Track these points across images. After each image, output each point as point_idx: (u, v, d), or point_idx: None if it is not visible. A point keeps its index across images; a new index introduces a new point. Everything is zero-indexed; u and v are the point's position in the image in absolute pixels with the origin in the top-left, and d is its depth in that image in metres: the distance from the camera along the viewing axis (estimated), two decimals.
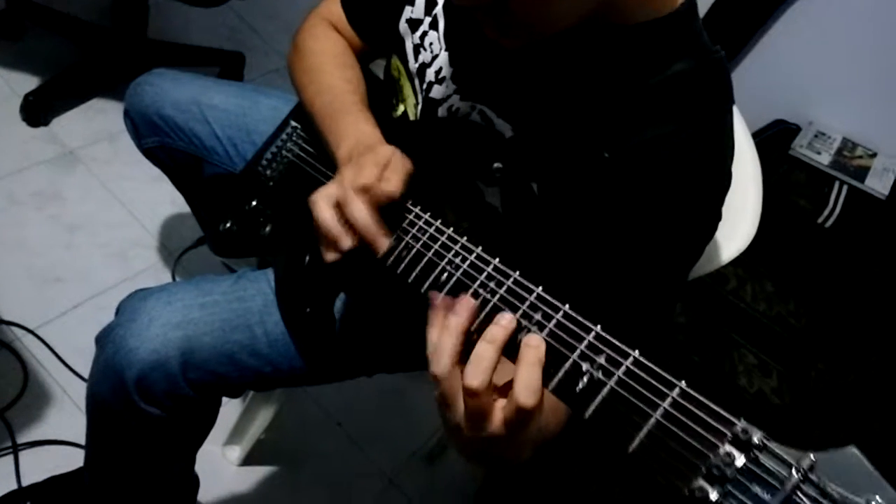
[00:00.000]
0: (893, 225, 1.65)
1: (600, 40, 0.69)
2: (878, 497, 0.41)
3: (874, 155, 1.77)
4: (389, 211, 0.71)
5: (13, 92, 1.68)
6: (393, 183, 0.70)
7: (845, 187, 1.69)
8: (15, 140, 1.63)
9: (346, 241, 0.71)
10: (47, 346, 1.34)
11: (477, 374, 0.51)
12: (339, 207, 0.71)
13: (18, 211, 1.52)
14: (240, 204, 0.91)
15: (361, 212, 0.69)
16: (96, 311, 1.42)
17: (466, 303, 0.57)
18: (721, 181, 0.71)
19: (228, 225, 0.91)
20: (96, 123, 1.74)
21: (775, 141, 1.77)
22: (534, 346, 0.53)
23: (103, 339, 0.84)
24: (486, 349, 0.53)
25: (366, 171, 0.71)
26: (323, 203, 0.72)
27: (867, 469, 0.42)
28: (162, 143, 1.09)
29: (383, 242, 0.69)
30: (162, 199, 1.63)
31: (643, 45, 0.69)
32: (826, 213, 1.66)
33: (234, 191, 0.92)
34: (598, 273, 0.70)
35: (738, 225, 0.96)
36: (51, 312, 1.40)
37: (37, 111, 1.66)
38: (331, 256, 0.72)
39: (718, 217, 0.72)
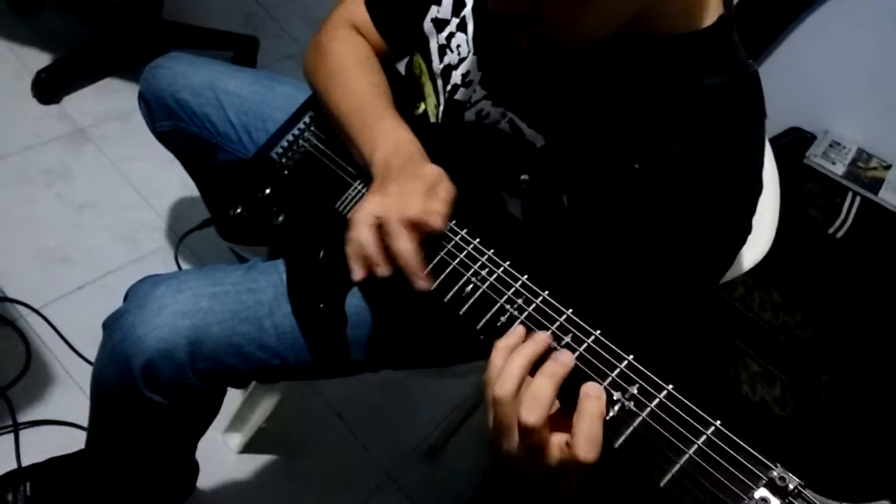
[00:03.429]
0: None
1: (636, 52, 0.69)
2: None
3: (889, 167, 1.76)
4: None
5: (25, 68, 1.67)
6: (441, 219, 0.69)
7: (858, 198, 1.68)
8: (26, 117, 1.62)
9: (384, 270, 0.69)
10: (51, 325, 1.34)
11: (534, 409, 0.50)
12: (381, 232, 0.69)
13: (27, 188, 1.51)
14: (252, 191, 0.90)
15: (407, 247, 0.67)
16: (102, 292, 1.42)
17: (544, 337, 0.56)
18: (751, 194, 0.70)
19: (240, 210, 0.90)
20: (108, 103, 1.73)
21: (790, 149, 1.76)
22: (594, 396, 0.51)
23: (111, 324, 0.83)
24: (545, 385, 0.52)
25: (413, 202, 0.69)
26: (364, 224, 0.70)
27: None
28: (176, 127, 1.08)
29: (422, 279, 0.68)
30: (172, 181, 1.62)
31: (678, 57, 0.68)
32: (838, 223, 1.65)
33: (246, 177, 0.91)
34: (627, 285, 0.69)
35: (757, 233, 0.95)
36: (56, 292, 1.39)
37: (49, 88, 1.65)
38: (360, 276, 0.71)
39: (748, 229, 0.71)
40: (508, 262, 0.63)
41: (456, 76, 0.85)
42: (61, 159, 1.59)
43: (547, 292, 0.60)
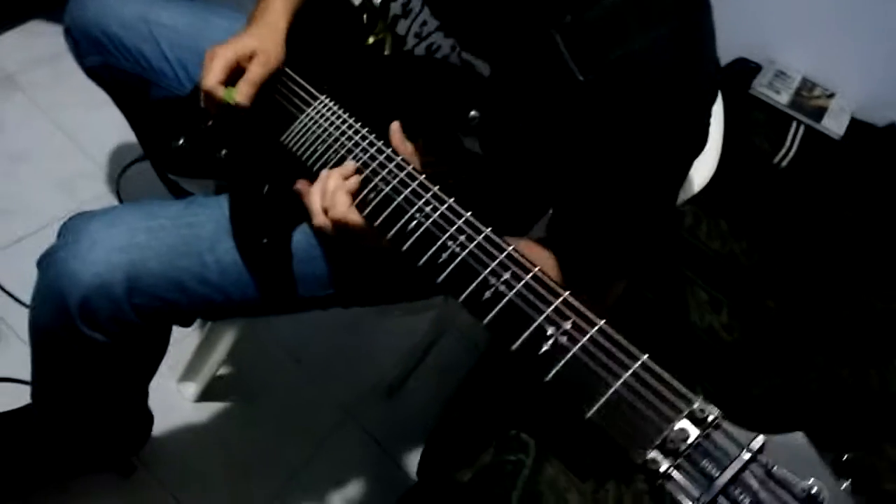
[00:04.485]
0: (847, 166, 1.68)
1: None
2: (819, 481, 0.43)
3: (832, 95, 1.79)
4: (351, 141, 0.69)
5: None
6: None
7: (802, 127, 1.71)
8: None
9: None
10: None
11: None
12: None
13: None
14: (195, 123, 0.87)
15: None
16: (42, 243, 1.33)
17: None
18: (703, 87, 0.69)
19: (181, 142, 0.87)
20: (35, 47, 1.65)
21: (736, 79, 1.77)
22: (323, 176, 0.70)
23: (44, 261, 0.80)
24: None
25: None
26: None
27: (812, 455, 0.44)
28: (106, 63, 1.03)
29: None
30: (106, 127, 1.54)
31: None
32: (782, 153, 1.68)
33: (188, 111, 0.88)
34: (591, 202, 0.69)
35: (703, 158, 0.96)
36: None
37: None
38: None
39: (706, 128, 0.71)
40: (453, 199, 0.63)
41: (395, 7, 0.83)
42: None
43: (490, 229, 0.60)
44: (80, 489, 1.14)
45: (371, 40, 0.88)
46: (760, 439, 0.45)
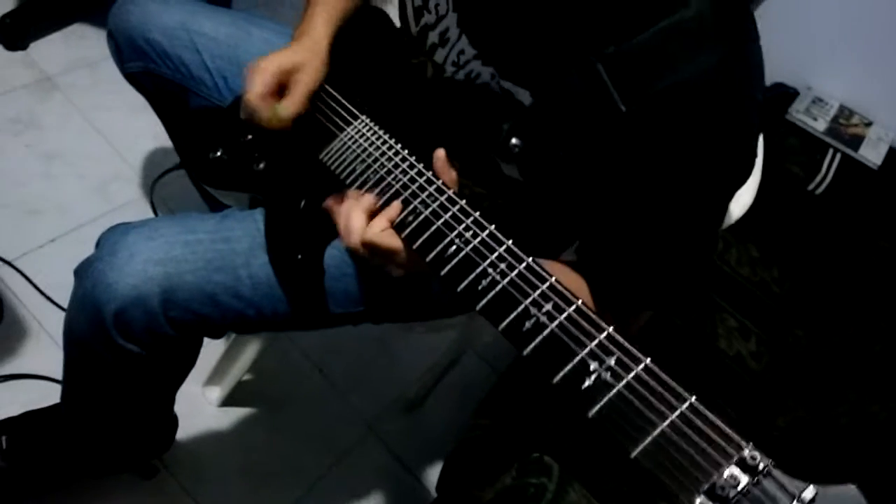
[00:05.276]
0: (884, 196, 1.66)
1: None
2: None
3: (870, 124, 1.76)
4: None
5: None
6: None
7: (839, 155, 1.68)
8: None
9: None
10: (25, 277, 1.31)
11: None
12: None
13: None
14: (234, 135, 0.87)
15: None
16: (75, 244, 1.39)
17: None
18: (751, 118, 0.68)
19: (219, 154, 0.87)
20: (76, 50, 1.67)
21: (773, 104, 1.75)
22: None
23: (82, 272, 0.81)
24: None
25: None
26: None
27: None
28: (146, 69, 1.04)
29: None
30: (144, 131, 1.57)
31: None
32: (818, 180, 1.66)
33: (225, 122, 0.88)
34: (629, 232, 0.68)
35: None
36: (28, 244, 1.36)
37: (14, 34, 1.59)
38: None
39: (752, 160, 0.70)
40: (494, 226, 0.62)
41: (433, 36, 0.84)
42: (29, 108, 1.54)
43: (531, 258, 0.59)
44: (103, 489, 1.15)
45: (414, 62, 0.88)
46: (812, 490, 0.44)
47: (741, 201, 0.96)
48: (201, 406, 1.31)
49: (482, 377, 1.55)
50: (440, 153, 0.71)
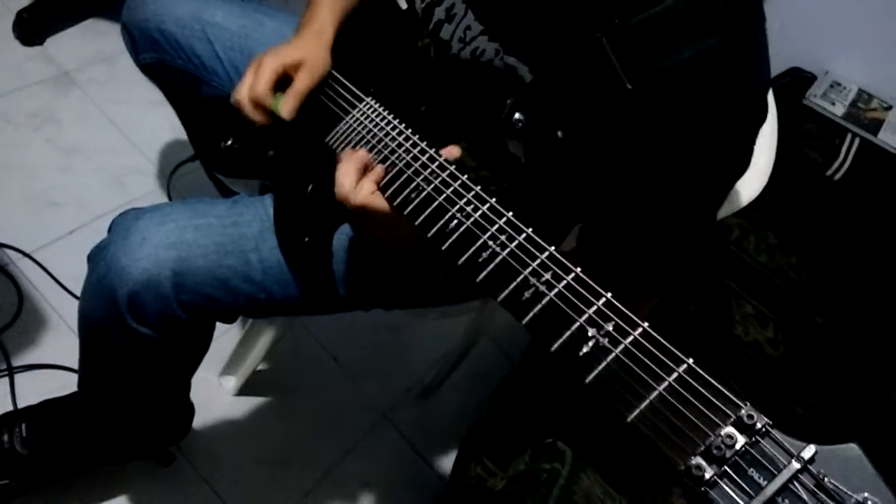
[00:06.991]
0: None
1: None
2: (873, 496, 0.41)
3: (889, 108, 1.73)
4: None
5: (7, 8, 1.63)
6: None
7: (857, 140, 1.66)
8: (8, 59, 1.59)
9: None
10: (44, 269, 1.33)
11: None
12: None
13: (14, 132, 1.49)
14: (243, 124, 0.88)
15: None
16: (93, 236, 1.37)
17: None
18: (751, 106, 0.67)
19: (230, 142, 0.88)
20: (93, 45, 1.70)
21: (790, 89, 1.73)
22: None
23: (95, 256, 0.82)
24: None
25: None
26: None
27: (867, 467, 0.42)
28: (160, 60, 1.05)
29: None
30: (160, 125, 1.59)
31: None
32: (836, 165, 1.63)
33: (236, 112, 0.89)
34: (626, 214, 0.68)
35: (751, 171, 0.94)
36: (46, 236, 1.38)
37: (31, 29, 1.61)
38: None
39: (751, 149, 0.69)
40: (495, 199, 0.63)
41: (439, 12, 0.83)
42: (47, 103, 1.56)
43: (531, 229, 0.59)
44: (120, 476, 1.17)
45: (418, 45, 0.88)
46: (811, 449, 0.43)
47: (752, 186, 0.95)
48: (217, 395, 1.33)
49: (496, 364, 1.56)
50: (453, 149, 0.73)
